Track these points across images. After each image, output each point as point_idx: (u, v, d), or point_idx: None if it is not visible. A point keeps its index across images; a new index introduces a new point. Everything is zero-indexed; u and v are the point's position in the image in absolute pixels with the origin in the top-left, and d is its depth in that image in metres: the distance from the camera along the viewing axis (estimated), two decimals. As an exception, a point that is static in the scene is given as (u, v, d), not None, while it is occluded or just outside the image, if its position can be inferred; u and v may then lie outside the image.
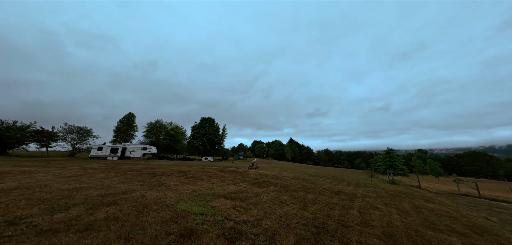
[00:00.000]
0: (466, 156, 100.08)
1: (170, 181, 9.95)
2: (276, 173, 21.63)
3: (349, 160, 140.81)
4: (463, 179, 52.02)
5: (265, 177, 15.48)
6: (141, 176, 11.29)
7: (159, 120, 52.13)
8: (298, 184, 13.50)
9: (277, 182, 13.07)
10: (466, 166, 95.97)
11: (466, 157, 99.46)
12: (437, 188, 22.30)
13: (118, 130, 45.43)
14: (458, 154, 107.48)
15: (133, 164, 20.60)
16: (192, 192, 7.92)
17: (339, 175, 27.53)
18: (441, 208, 10.54)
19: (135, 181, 9.65)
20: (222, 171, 16.25)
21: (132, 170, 13.97)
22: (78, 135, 37.93)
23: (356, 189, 13.95)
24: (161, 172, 13.23)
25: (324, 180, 18.63)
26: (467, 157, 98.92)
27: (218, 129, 73.68)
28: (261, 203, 7.37)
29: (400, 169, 53.80)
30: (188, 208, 5.93)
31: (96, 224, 4.45)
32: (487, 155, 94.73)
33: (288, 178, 16.52)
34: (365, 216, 7.07)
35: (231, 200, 7.31)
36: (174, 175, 12.19)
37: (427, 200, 12.83)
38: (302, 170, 30.18)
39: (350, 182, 18.87)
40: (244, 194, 8.50)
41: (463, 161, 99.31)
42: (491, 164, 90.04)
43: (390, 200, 10.90)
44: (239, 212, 6.05)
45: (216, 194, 8.08)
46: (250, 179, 13.07)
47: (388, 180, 24.66)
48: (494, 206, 14.02)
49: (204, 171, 15.65)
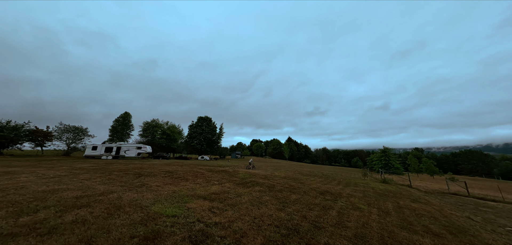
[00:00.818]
0: (462, 154, 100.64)
1: (154, 182, 9.92)
2: (268, 172, 21.64)
3: (347, 158, 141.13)
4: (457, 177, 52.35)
5: (254, 176, 15.47)
6: (126, 176, 11.25)
7: (155, 119, 52.04)
8: (286, 184, 13.50)
9: (264, 182, 13.06)
10: (462, 164, 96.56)
11: (462, 155, 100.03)
12: (428, 187, 22.40)
13: (114, 129, 45.27)
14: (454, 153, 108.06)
15: (123, 164, 20.54)
16: (172, 193, 7.90)
17: (333, 174, 27.60)
18: (425, 207, 10.59)
19: (117, 182, 9.61)
20: (211, 171, 16.23)
21: (120, 170, 13.92)
22: (73, 134, 37.74)
23: (344, 189, 13.98)
24: (148, 172, 13.19)
25: (314, 179, 18.66)
26: (462, 156, 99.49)
27: (215, 128, 73.60)
28: (239, 204, 7.35)
29: (395, 167, 54.01)
30: (162, 210, 5.90)
31: (60, 227, 4.42)
32: (483, 153, 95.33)
33: (278, 178, 16.52)
34: (343, 217, 7.07)
35: (209, 201, 7.29)
36: (160, 175, 12.16)
37: (414, 199, 12.87)
38: (296, 169, 30.23)
39: (340, 181, 18.91)
40: (226, 195, 8.48)
41: (459, 160, 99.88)
42: (486, 162, 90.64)
43: (374, 200, 10.92)
44: (213, 214, 6.03)
45: (196, 195, 8.06)
46: (237, 179, 13.06)
47: (380, 179, 24.76)
48: (481, 205, 14.10)
49: (193, 171, 15.63)
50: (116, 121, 46.38)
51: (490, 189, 26.69)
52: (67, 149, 36.97)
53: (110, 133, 45.16)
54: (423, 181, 35.14)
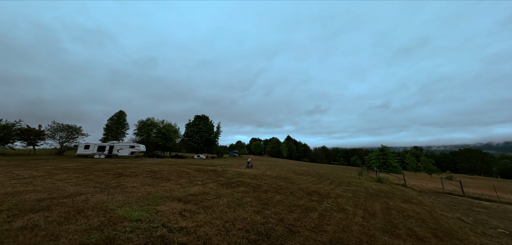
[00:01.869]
0: (461, 153, 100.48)
1: (132, 182, 9.57)
2: (259, 171, 21.33)
3: (346, 157, 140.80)
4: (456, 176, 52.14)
5: (242, 176, 15.15)
6: (106, 176, 10.91)
7: (151, 118, 51.59)
8: (274, 183, 13.18)
9: (251, 182, 12.74)
10: (461, 163, 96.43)
11: (461, 154, 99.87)
12: (423, 187, 22.12)
13: (109, 128, 44.82)
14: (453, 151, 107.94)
15: (111, 163, 20.19)
16: (147, 195, 7.56)
17: (328, 173, 27.30)
18: (415, 208, 10.27)
19: (93, 182, 9.25)
20: (198, 171, 15.90)
21: (103, 170, 13.56)
22: (67, 133, 37.37)
23: (334, 189, 13.66)
24: (131, 172, 12.84)
25: (307, 179, 18.34)
26: (462, 154, 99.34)
27: (212, 126, 73.21)
28: (216, 206, 7.02)
29: (393, 166, 53.74)
30: (127, 214, 5.56)
31: (3, 235, 4.08)
32: (482, 152, 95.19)
33: (268, 177, 16.20)
34: (323, 220, 6.74)
35: (184, 203, 6.95)
36: (141, 175, 11.82)
37: (405, 199, 12.57)
38: (291, 168, 29.94)
39: (333, 181, 18.61)
40: (204, 196, 8.15)
41: (458, 158, 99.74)
42: (485, 161, 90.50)
43: (363, 201, 10.61)
44: (182, 218, 5.70)
45: (172, 196, 7.72)
46: (223, 179, 12.73)
47: (375, 178, 24.47)
48: (475, 205, 13.81)
49: (179, 170, 15.29)
50: (111, 119, 45.94)
51: (487, 188, 26.45)
52: (60, 148, 36.63)
53: (105, 132, 44.74)
54: (420, 180, 34.91)
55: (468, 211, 11.78)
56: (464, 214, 10.87)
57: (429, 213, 9.80)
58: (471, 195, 17.08)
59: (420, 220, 8.21)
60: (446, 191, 18.68)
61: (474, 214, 11.04)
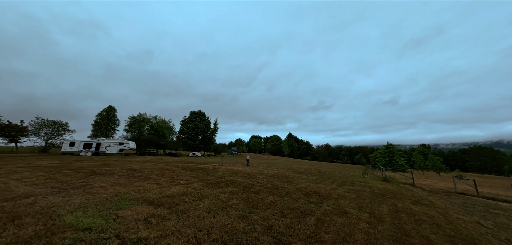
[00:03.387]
0: (471, 151, 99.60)
1: (101, 182, 8.69)
2: (255, 170, 20.48)
3: (350, 155, 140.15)
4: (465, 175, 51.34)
5: (235, 175, 14.29)
6: (75, 175, 10.02)
7: (142, 113, 50.57)
8: (269, 183, 12.32)
9: (242, 181, 11.87)
10: (470, 161, 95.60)
11: (471, 152, 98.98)
12: (433, 186, 21.30)
13: (97, 124, 43.87)
14: (462, 149, 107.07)
15: (93, 161, 19.32)
16: (113, 197, 6.69)
17: (330, 172, 26.46)
18: (427, 211, 9.41)
19: (55, 182, 8.35)
20: (186, 169, 15.03)
21: (76, 168, 12.64)
22: (52, 129, 36.51)
23: (336, 189, 12.81)
24: (106, 170, 11.95)
25: (306, 178, 17.50)
26: (471, 152, 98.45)
27: (209, 123, 72.30)
28: (192, 210, 6.15)
29: (399, 164, 52.94)
30: (76, 221, 4.68)
31: None
32: (493, 150, 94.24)
33: (263, 176, 15.35)
34: (321, 227, 5.87)
35: (154, 207, 6.07)
36: (117, 174, 10.94)
37: (415, 201, 11.72)
38: (290, 166, 29.11)
39: (335, 180, 17.77)
40: (183, 198, 7.27)
41: (467, 156, 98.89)
42: (496, 159, 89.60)
43: (368, 202, 9.75)
44: (147, 225, 4.82)
45: (143, 198, 6.84)
46: (211, 179, 11.86)
47: (381, 177, 23.65)
48: (492, 206, 12.94)
49: (164, 168, 14.41)
50: (100, 115, 44.92)
51: (501, 187, 25.60)
52: (45, 145, 35.79)
53: (93, 128, 43.82)
54: (429, 179, 34.09)
55: (485, 213, 10.92)
56: (482, 217, 10.00)
57: (444, 216, 8.94)
58: (486, 196, 16.22)
59: (434, 225, 7.35)
60: (459, 191, 17.83)
61: (492, 217, 10.17)
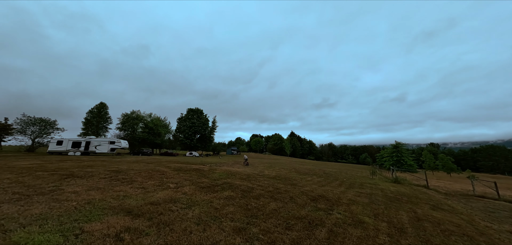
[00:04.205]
0: (482, 150, 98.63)
1: (75, 187, 7.83)
2: (256, 170, 19.65)
3: (355, 155, 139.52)
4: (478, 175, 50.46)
5: (232, 176, 13.46)
6: (48, 178, 9.15)
7: (136, 110, 49.76)
8: (271, 186, 11.47)
9: (241, 184, 11.03)
10: (482, 161, 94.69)
11: (482, 151, 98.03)
12: (448, 188, 20.45)
13: (88, 122, 43.07)
14: (473, 148, 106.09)
15: (77, 161, 18.50)
16: (85, 204, 5.85)
17: (336, 172, 25.62)
18: (452, 218, 8.55)
19: (19, 186, 7.46)
20: (179, 170, 14.20)
21: (53, 169, 11.70)
22: (39, 127, 35.74)
23: (345, 192, 11.97)
24: (86, 172, 11.09)
25: (311, 179, 16.67)
26: (483, 152, 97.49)
27: (207, 121, 71.44)
28: (179, 221, 5.30)
29: (408, 164, 52.13)
30: (25, 239, 3.84)
31: None
32: (506, 149, 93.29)
33: (264, 178, 14.51)
34: (334, 242, 5.02)
35: (132, 218, 5.22)
36: (97, 176, 10.11)
37: (434, 205, 10.87)
38: (293, 167, 28.28)
39: (343, 182, 16.93)
40: (170, 205, 6.43)
41: (479, 156, 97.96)
42: (509, 158, 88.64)
43: (384, 208, 8.89)
44: (117, 242, 3.98)
45: (122, 206, 6.00)
46: (206, 181, 11.02)
47: (391, 178, 22.81)
48: (518, 211, 12.08)
49: (154, 169, 13.57)
50: (91, 112, 44.07)
51: (521, 189, 24.71)
52: (31, 144, 35.05)
53: (84, 127, 43.03)
54: (441, 179, 33.24)
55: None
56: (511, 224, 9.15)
57: (471, 225, 8.09)
58: (509, 199, 15.36)
59: (465, 237, 6.50)
60: (477, 193, 16.96)
61: (524, 225, 9.31)
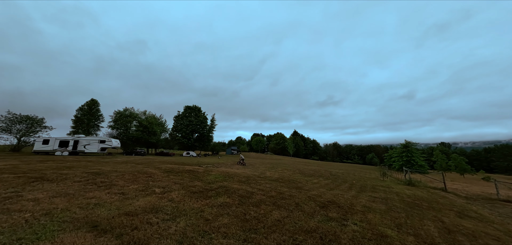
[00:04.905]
0: (497, 150, 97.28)
1: (38, 192, 6.86)
2: (257, 172, 18.74)
3: (361, 155, 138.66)
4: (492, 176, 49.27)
5: (230, 179, 12.54)
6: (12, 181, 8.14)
7: (129, 108, 48.83)
8: (274, 190, 10.56)
9: (239, 188, 10.12)
10: (496, 161, 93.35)
11: (497, 151, 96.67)
12: (467, 191, 19.49)
13: (78, 120, 42.15)
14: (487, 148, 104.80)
15: (58, 162, 17.61)
16: (41, 216, 4.92)
17: (343, 174, 24.68)
18: (486, 229, 7.61)
19: None
20: (169, 172, 13.29)
21: (23, 172, 10.54)
22: (26, 126, 34.96)
23: (357, 197, 11.04)
24: (59, 175, 10.12)
25: (318, 182, 15.75)
26: (497, 151, 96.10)
27: (205, 119, 70.60)
28: (155, 239, 4.39)
29: (419, 165, 51.06)
30: None
31: None
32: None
33: (266, 180, 13.60)
34: (356, 265, 4.10)
35: (94, 235, 4.29)
36: (71, 179, 9.18)
37: (460, 212, 9.93)
38: (297, 167, 27.35)
39: (353, 184, 16.00)
40: (148, 217, 5.52)
41: (493, 156, 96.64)
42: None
43: (406, 217, 7.96)
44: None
45: (87, 218, 5.08)
46: (199, 185, 10.11)
47: (404, 180, 21.84)
48: (553, 219, 11.12)
49: (142, 171, 12.64)
50: (81, 110, 43.17)
51: (546, 192, 23.69)
52: (17, 143, 34.29)
53: (73, 125, 42.16)
54: (455, 181, 32.22)
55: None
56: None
57: (510, 237, 7.15)
58: (538, 204, 14.38)
59: (512, 254, 5.56)
60: (502, 197, 15.98)
61: None
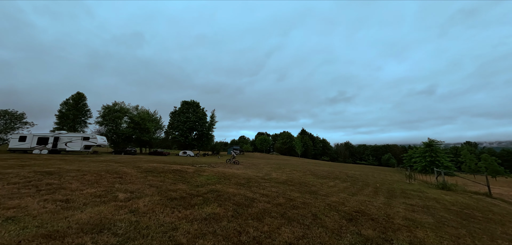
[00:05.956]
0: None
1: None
2: (260, 173, 16.94)
3: (375, 155, 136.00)
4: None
5: (225, 181, 10.76)
6: None
7: (119, 102, 47.33)
8: (281, 196, 8.76)
9: (236, 193, 8.34)
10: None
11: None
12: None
13: (63, 115, 40.78)
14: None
15: (20, 160, 16.07)
16: None
17: (362, 176, 22.72)
18: None
19: None
20: (149, 172, 11.52)
21: None
22: (4, 121, 33.88)
23: (390, 204, 9.17)
24: (4, 177, 8.51)
25: (335, 185, 13.89)
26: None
27: (204, 115, 69.10)
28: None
29: (444, 166, 48.65)
30: None
31: None
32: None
33: (273, 183, 11.81)
34: None
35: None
36: (5, 180, 7.49)
37: (530, 226, 7.98)
38: (308, 168, 25.48)
39: (378, 188, 14.09)
40: (82, 240, 3.80)
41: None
42: None
43: (468, 235, 6.08)
44: None
45: None
46: (182, 189, 8.35)
47: (436, 183, 19.75)
48: None
49: (113, 171, 10.86)
50: (66, 104, 41.85)
51: None
52: (-5, 141, 33.32)
53: (57, 121, 40.87)
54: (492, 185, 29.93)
55: None
56: None
57: None
58: None
59: None
60: None
61: None
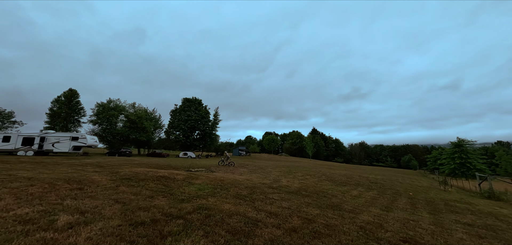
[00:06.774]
0: None
1: None
2: (268, 178, 15.14)
3: (394, 156, 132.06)
4: None
5: (222, 192, 9.01)
6: None
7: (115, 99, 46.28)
8: (296, 214, 6.97)
9: (234, 212, 6.59)
10: None
11: None
12: None
13: (54, 114, 40.04)
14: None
15: None
16: None
17: (386, 181, 20.60)
18: None
19: None
20: (125, 179, 9.75)
21: None
22: (-8, 120, 33.34)
23: (440, 223, 7.24)
24: None
25: (360, 195, 11.96)
26: None
27: (207, 113, 67.79)
28: None
29: (476, 169, 45.67)
30: None
31: None
32: None
33: (282, 193, 10.01)
34: None
35: None
36: None
37: None
38: (322, 172, 23.53)
39: (414, 199, 12.08)
40: None
41: None
42: None
43: None
44: None
45: None
46: (160, 205, 6.66)
47: (479, 191, 17.47)
48: None
49: (74, 179, 9.09)
50: (57, 101, 41.07)
51: None
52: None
53: (48, 120, 40.18)
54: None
55: None
56: None
57: None
58: None
59: None
60: None
61: None
